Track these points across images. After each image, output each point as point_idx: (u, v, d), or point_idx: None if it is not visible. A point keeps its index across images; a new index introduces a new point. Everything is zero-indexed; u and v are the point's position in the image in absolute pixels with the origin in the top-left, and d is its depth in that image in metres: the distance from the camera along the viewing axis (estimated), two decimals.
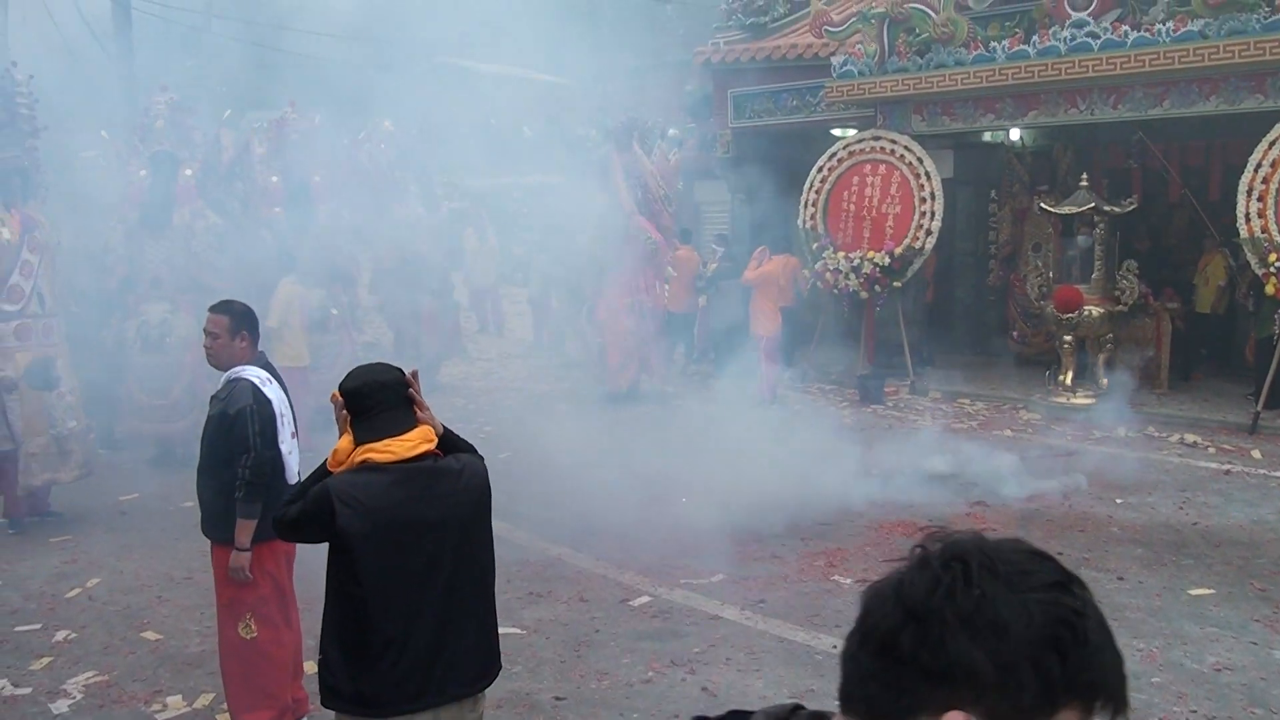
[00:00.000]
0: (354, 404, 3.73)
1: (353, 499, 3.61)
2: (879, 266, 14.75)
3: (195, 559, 8.45)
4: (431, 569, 3.70)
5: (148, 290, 11.35)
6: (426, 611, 3.69)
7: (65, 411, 9.39)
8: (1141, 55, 12.54)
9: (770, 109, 18.17)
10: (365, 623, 3.65)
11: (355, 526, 3.59)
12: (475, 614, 3.83)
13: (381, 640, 3.64)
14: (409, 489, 3.68)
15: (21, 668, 6.60)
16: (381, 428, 3.71)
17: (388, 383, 3.77)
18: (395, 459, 3.68)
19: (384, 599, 3.64)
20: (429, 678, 3.69)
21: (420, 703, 3.69)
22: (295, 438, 5.46)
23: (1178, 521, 9.22)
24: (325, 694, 3.77)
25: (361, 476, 3.68)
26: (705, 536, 8.93)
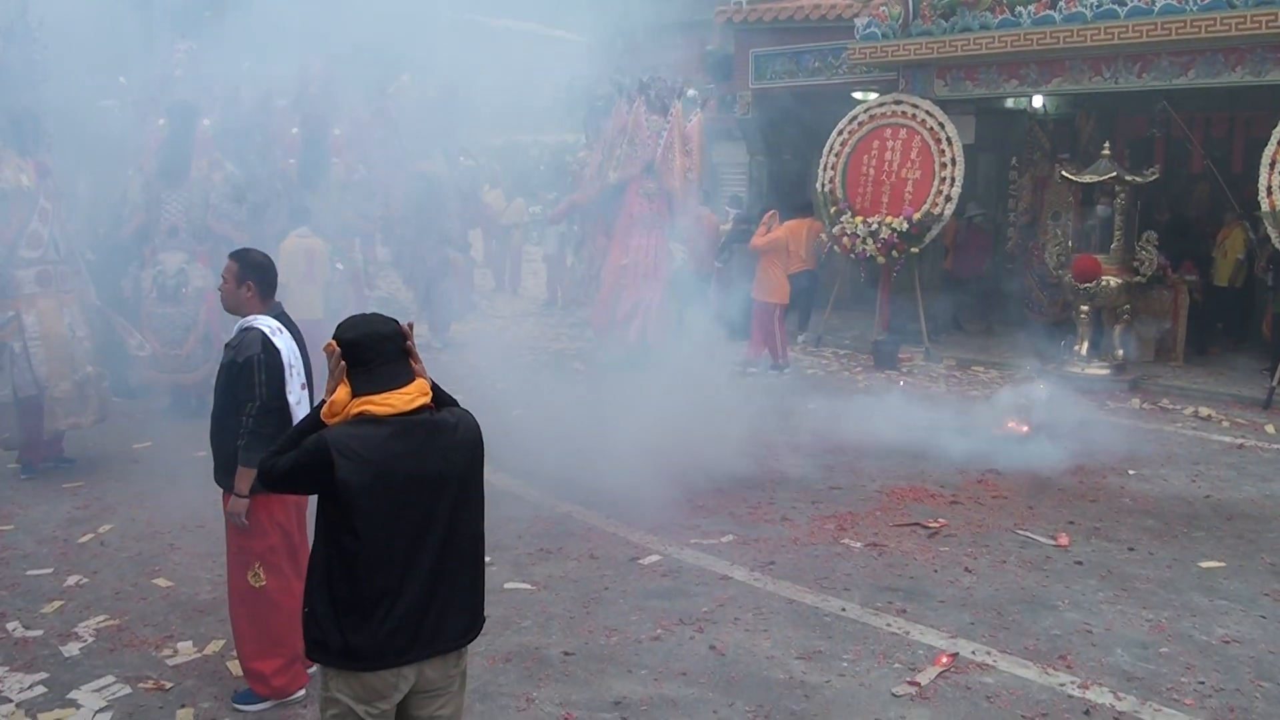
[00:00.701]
0: (352, 355, 3.69)
1: (352, 451, 3.57)
2: (897, 232, 14.68)
3: (207, 507, 8.48)
4: (427, 522, 3.67)
5: (164, 240, 11.35)
6: (420, 564, 3.66)
7: (84, 356, 9.44)
8: (1168, 23, 12.41)
9: (792, 70, 18.03)
10: (358, 575, 3.62)
11: (354, 479, 3.55)
12: (466, 568, 3.81)
13: (375, 593, 3.62)
14: (407, 442, 3.64)
15: (33, 611, 6.65)
16: (380, 380, 3.68)
17: (387, 334, 3.73)
18: (393, 412, 3.65)
19: (380, 551, 3.61)
20: (419, 631, 3.67)
21: (409, 655, 3.67)
22: (305, 389, 5.45)
23: (1190, 494, 9.20)
24: (311, 647, 3.73)
25: (360, 429, 3.64)
26: (715, 497, 8.96)
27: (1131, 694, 5.63)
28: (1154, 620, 6.57)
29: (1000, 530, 8.17)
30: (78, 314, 9.51)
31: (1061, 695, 5.61)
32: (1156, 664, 5.99)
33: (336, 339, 3.72)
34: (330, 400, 3.71)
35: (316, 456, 3.60)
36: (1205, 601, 6.88)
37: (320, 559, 3.70)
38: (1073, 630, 6.41)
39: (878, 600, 6.83)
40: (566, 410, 11.25)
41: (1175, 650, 6.17)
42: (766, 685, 5.69)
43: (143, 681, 5.73)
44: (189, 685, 5.72)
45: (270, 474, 3.80)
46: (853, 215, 15.24)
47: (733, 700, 5.52)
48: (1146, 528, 8.30)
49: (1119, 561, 7.56)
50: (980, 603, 6.80)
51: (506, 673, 5.80)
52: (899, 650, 6.12)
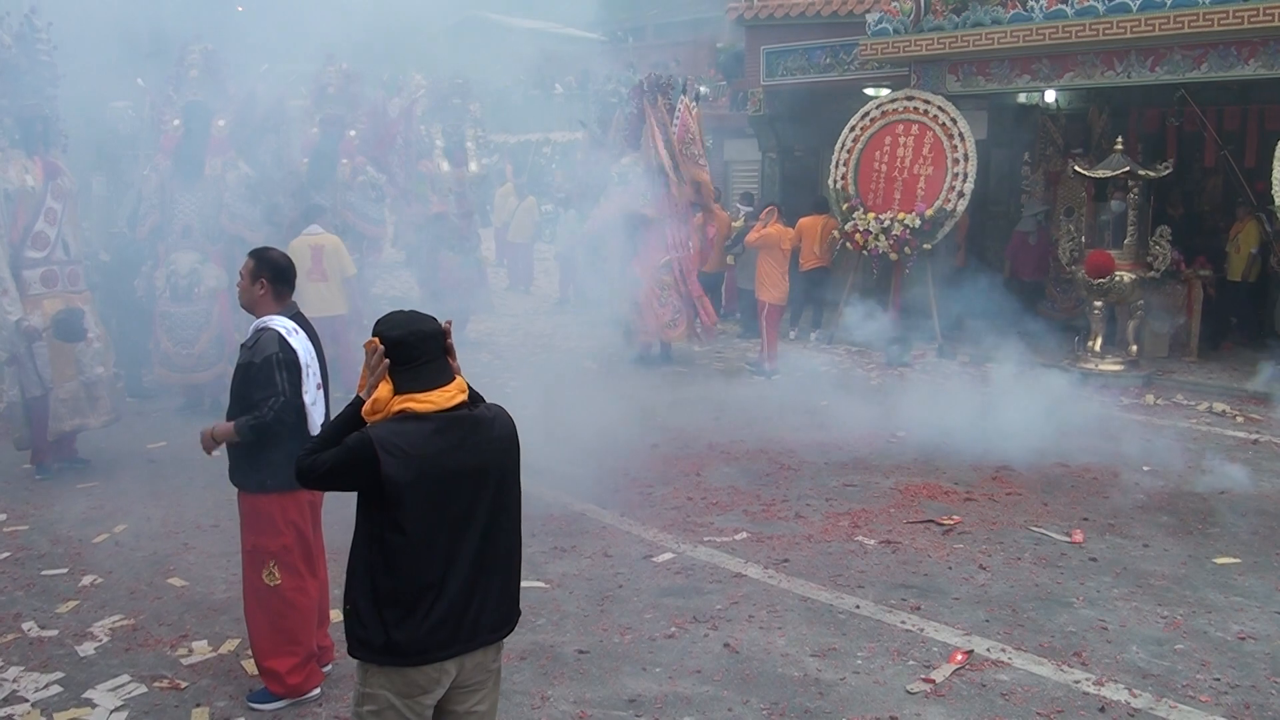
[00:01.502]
0: (397, 354, 3.70)
1: (396, 448, 3.60)
2: (909, 228, 14.66)
3: (222, 507, 8.51)
4: (469, 516, 3.71)
5: (178, 239, 11.39)
6: (462, 558, 3.69)
7: (93, 357, 9.48)
8: (1181, 16, 12.37)
9: (803, 66, 18.00)
10: (402, 571, 3.65)
11: (400, 475, 3.58)
12: (505, 560, 3.85)
13: (418, 588, 3.65)
14: (450, 437, 3.68)
15: (49, 610, 6.68)
16: (425, 379, 3.71)
17: (430, 333, 3.76)
18: (435, 409, 3.69)
19: (424, 546, 3.64)
20: (460, 625, 3.71)
21: (451, 650, 3.70)
22: (320, 389, 5.47)
23: (1204, 490, 9.17)
24: (355, 645, 3.76)
25: (403, 425, 3.66)
26: (729, 494, 8.96)
27: (1147, 691, 5.61)
28: (1169, 617, 6.55)
29: (1014, 527, 8.15)
30: (90, 315, 9.53)
31: (1077, 692, 5.59)
32: (1172, 661, 5.97)
33: (380, 336, 3.74)
34: (373, 398, 3.73)
35: (361, 453, 3.62)
36: (1221, 598, 6.85)
37: (362, 556, 3.73)
38: (1088, 627, 6.39)
39: (892, 597, 6.82)
40: (580, 409, 11.25)
41: (1191, 647, 6.15)
42: (781, 683, 5.69)
43: (158, 681, 5.75)
44: (204, 684, 5.73)
45: (311, 471, 3.79)
46: (865, 212, 15.22)
47: (747, 698, 5.52)
48: (1161, 524, 8.28)
49: (1134, 558, 7.54)
50: (995, 600, 6.79)
51: (521, 671, 5.81)
52: (914, 647, 6.11)
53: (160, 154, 11.73)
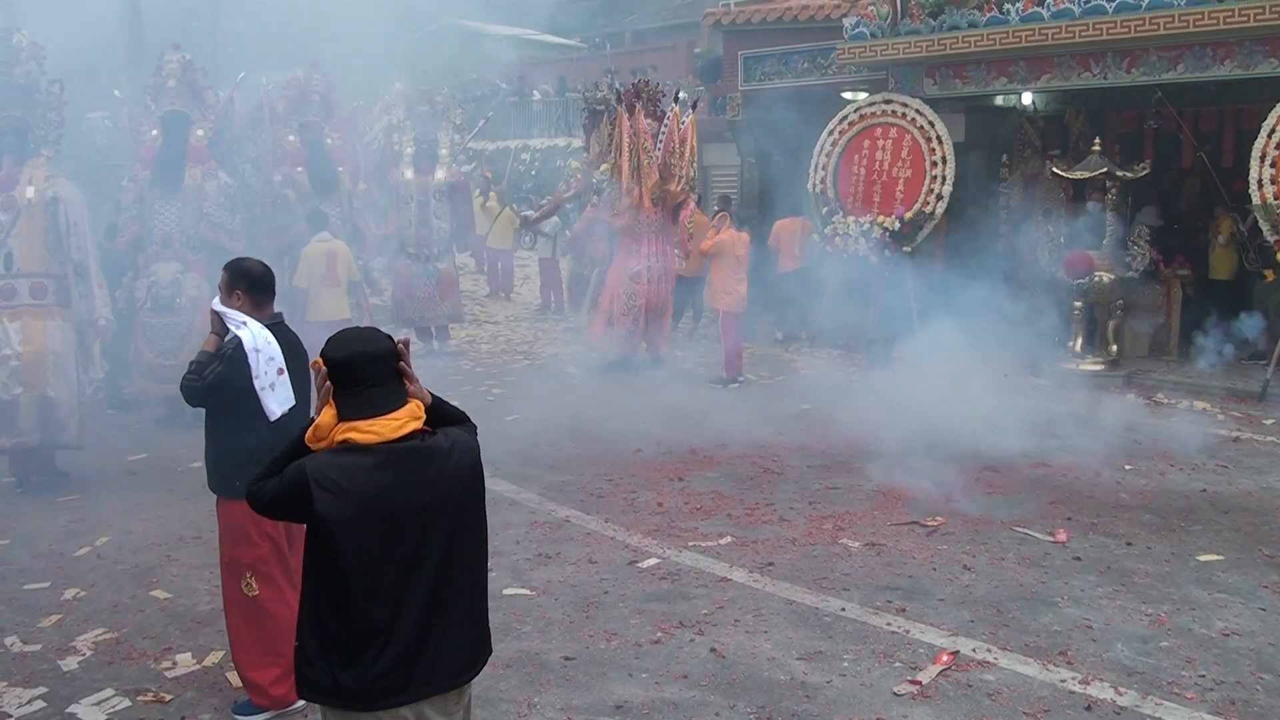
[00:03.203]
0: (339, 376, 3.44)
1: (331, 483, 3.35)
2: (889, 231, 14.69)
3: (204, 519, 8.48)
4: (419, 556, 3.45)
5: (158, 250, 11.35)
6: (413, 601, 3.44)
7: (9, 376, 9.18)
8: (1156, 18, 12.42)
9: (781, 71, 18.02)
10: (347, 613, 3.40)
11: (335, 512, 3.34)
12: (464, 601, 3.59)
13: (365, 632, 3.41)
14: (395, 472, 3.41)
15: (30, 625, 6.64)
16: (368, 405, 3.44)
17: (378, 354, 3.48)
18: (380, 440, 3.42)
19: (368, 589, 3.39)
20: (414, 670, 3.47)
21: (405, 695, 3.47)
22: (284, 375, 5.30)
23: (1187, 488, 9.21)
24: (302, 686, 3.55)
25: (342, 458, 3.41)
26: (712, 499, 8.96)
27: (1133, 689, 5.63)
28: (1153, 614, 6.58)
29: (998, 527, 8.17)
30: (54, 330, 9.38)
31: (1063, 691, 5.61)
32: (1157, 658, 5.99)
33: (323, 357, 3.50)
34: (315, 424, 3.50)
35: (294, 488, 3.41)
36: (1204, 595, 6.88)
37: (309, 593, 3.51)
38: (1073, 626, 6.41)
39: (877, 599, 6.83)
40: (561, 414, 11.25)
41: (1175, 644, 6.17)
42: (768, 686, 5.68)
43: (142, 694, 5.72)
44: (189, 697, 5.71)
45: (257, 499, 3.57)
46: (845, 215, 15.24)
47: (734, 702, 5.52)
48: (1144, 522, 8.31)
49: (1117, 556, 7.56)
50: (980, 600, 6.80)
51: (507, 679, 5.79)
52: (899, 649, 6.12)
53: (138, 164, 11.69)
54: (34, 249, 9.35)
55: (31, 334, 9.26)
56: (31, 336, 9.26)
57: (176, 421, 11.49)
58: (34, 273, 9.35)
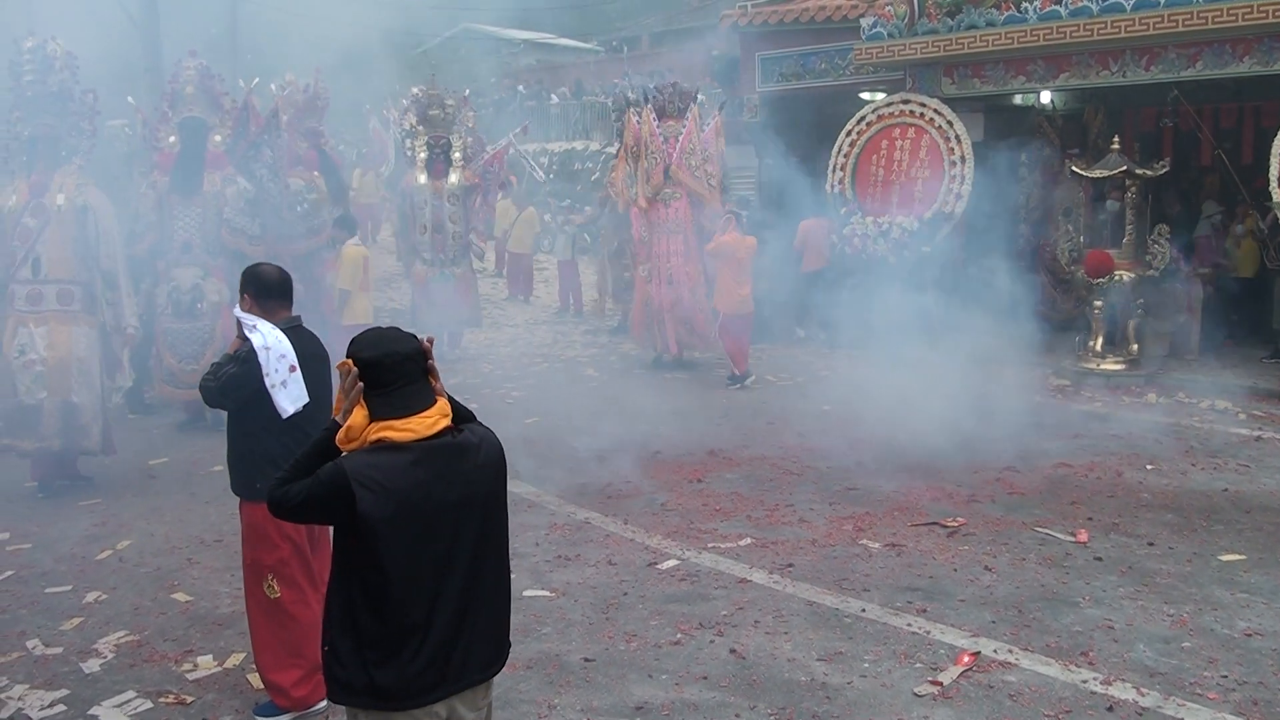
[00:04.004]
0: (371, 376, 3.44)
1: (373, 481, 3.35)
2: (907, 232, 14.66)
3: (225, 522, 8.53)
4: (453, 552, 3.47)
5: (178, 256, 11.41)
6: (447, 597, 3.47)
7: (34, 381, 9.25)
8: (1175, 15, 12.38)
9: (798, 72, 18.01)
10: (384, 611, 3.41)
11: (377, 511, 3.33)
12: (493, 595, 3.62)
13: (402, 628, 3.42)
14: (430, 468, 3.43)
15: (53, 628, 6.67)
16: (400, 404, 3.45)
17: (408, 354, 3.49)
18: (415, 437, 3.44)
19: (407, 585, 3.41)
20: (448, 666, 3.48)
21: (439, 691, 3.48)
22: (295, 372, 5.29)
23: (1208, 487, 9.16)
24: (335, 688, 3.53)
25: (380, 457, 3.41)
26: (732, 500, 8.95)
27: (1155, 689, 5.60)
28: (1175, 615, 6.54)
29: (1019, 528, 8.14)
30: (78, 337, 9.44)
31: (1084, 692, 5.58)
32: (1179, 659, 5.96)
33: (353, 357, 3.49)
34: (347, 425, 3.48)
35: (334, 489, 3.39)
36: (1226, 595, 6.84)
37: (340, 593, 3.51)
38: (1094, 626, 6.38)
39: (898, 600, 6.81)
40: (580, 417, 11.26)
41: (1198, 644, 6.14)
42: (788, 688, 5.67)
43: (164, 696, 5.74)
44: (210, 699, 5.73)
45: (282, 503, 3.54)
46: (863, 216, 15.22)
47: (755, 703, 5.51)
48: (1166, 522, 8.27)
49: (1139, 557, 7.53)
50: (1001, 601, 6.77)
51: (527, 680, 5.79)
52: (920, 650, 6.10)
53: (157, 171, 11.76)
54: (62, 256, 9.41)
55: (57, 340, 9.32)
56: (57, 342, 9.32)
57: (197, 426, 11.56)
58: (61, 279, 9.41)
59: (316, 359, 5.47)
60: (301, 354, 5.34)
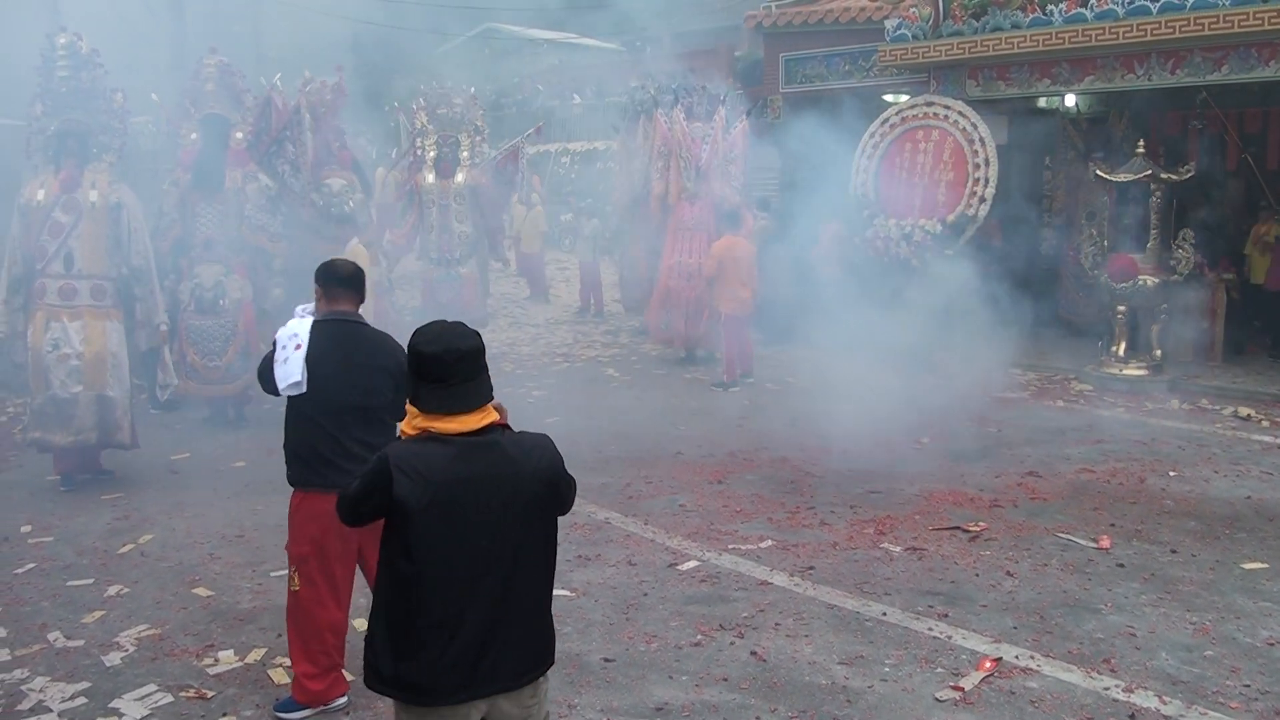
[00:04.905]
0: (430, 370, 3.48)
1: (412, 469, 3.41)
2: (930, 234, 14.60)
3: (247, 517, 8.57)
4: (491, 552, 3.47)
5: (201, 252, 11.44)
6: (481, 597, 3.47)
7: (69, 375, 9.30)
8: (1201, 18, 12.30)
9: (822, 74, 18.01)
10: (414, 603, 3.46)
11: (412, 499, 3.39)
12: (532, 605, 3.62)
13: (430, 623, 3.45)
14: (473, 464, 3.46)
15: (74, 621, 6.70)
16: (452, 400, 3.49)
17: (468, 351, 3.51)
18: (460, 431, 3.48)
19: (437, 579, 3.43)
20: (477, 669, 3.49)
21: (466, 693, 3.49)
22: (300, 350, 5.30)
23: (1231, 495, 9.11)
24: (368, 674, 3.60)
25: (423, 447, 3.47)
26: (752, 502, 8.94)
27: (1177, 698, 5.57)
28: (1198, 623, 6.51)
29: (1041, 533, 8.10)
30: (105, 332, 9.50)
31: (1106, 699, 5.55)
32: (1201, 667, 5.93)
33: (413, 349, 3.54)
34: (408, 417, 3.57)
35: (377, 474, 3.46)
36: (1249, 603, 6.80)
37: (382, 584, 3.56)
38: (1116, 633, 6.35)
39: (919, 605, 6.79)
40: (601, 416, 11.26)
41: (1220, 653, 6.10)
42: (809, 691, 5.66)
43: (184, 690, 5.75)
44: (231, 694, 5.74)
45: (342, 500, 3.66)
46: (886, 218, 15.17)
47: (775, 706, 5.50)
48: (1188, 529, 8.22)
49: (1161, 564, 7.49)
50: (1023, 606, 6.75)
51: (548, 679, 5.78)
52: (942, 655, 6.08)
53: (180, 168, 11.80)
54: (95, 251, 9.47)
55: (93, 335, 9.40)
56: (92, 337, 9.39)
57: (219, 422, 11.60)
58: (95, 275, 9.47)
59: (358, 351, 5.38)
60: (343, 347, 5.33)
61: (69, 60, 9.71)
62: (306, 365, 5.26)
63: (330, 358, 5.30)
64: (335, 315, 5.42)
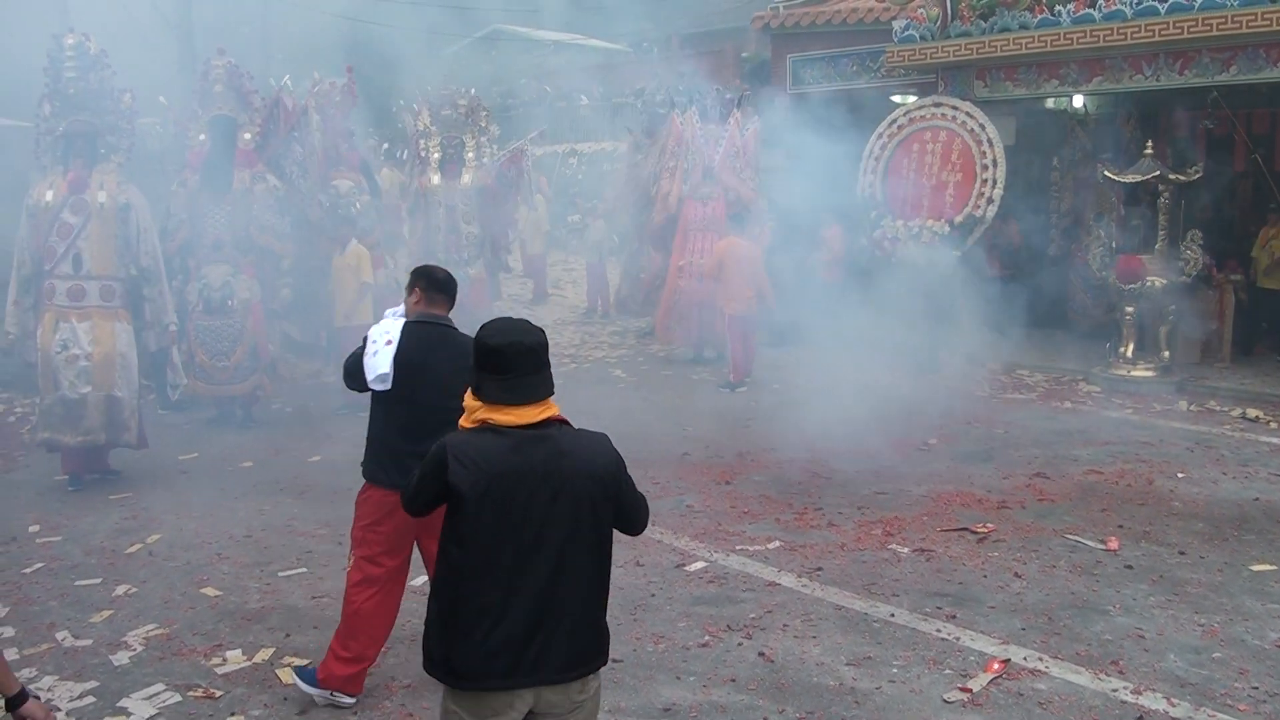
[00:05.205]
0: (493, 363, 3.56)
1: (468, 458, 3.50)
2: (938, 235, 14.59)
3: (255, 518, 8.58)
4: (538, 545, 3.52)
5: (209, 253, 11.46)
6: (526, 587, 3.51)
7: (78, 375, 9.32)
8: (1209, 19, 12.28)
9: (830, 75, 17.99)
10: (462, 589, 3.54)
11: (465, 486, 3.48)
12: (581, 603, 3.62)
13: (476, 609, 3.52)
14: (527, 457, 3.52)
15: (82, 620, 6.70)
16: (511, 393, 3.56)
17: (531, 346, 3.59)
18: (516, 424, 3.55)
19: (483, 566, 3.51)
20: (522, 658, 3.52)
21: (509, 681, 3.53)
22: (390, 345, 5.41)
23: (1240, 496, 9.09)
24: (424, 658, 3.69)
25: (480, 437, 3.56)
26: (760, 503, 8.93)
27: (1185, 700, 5.56)
28: (1206, 625, 6.49)
29: (1049, 535, 8.09)
30: (116, 333, 9.53)
31: (1114, 701, 5.55)
32: (1210, 669, 5.92)
33: (478, 341, 3.62)
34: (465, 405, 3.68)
35: (434, 461, 3.57)
36: (1258, 605, 6.79)
37: (438, 570, 3.67)
38: (1124, 635, 6.34)
39: (927, 606, 6.78)
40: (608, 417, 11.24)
41: (1228, 655, 6.09)
42: (817, 692, 5.66)
43: (192, 690, 5.76)
44: (239, 693, 5.74)
45: (405, 490, 3.78)
46: (893, 218, 15.16)
47: (783, 707, 5.49)
48: (1196, 531, 8.20)
49: (1170, 565, 7.47)
50: (1031, 608, 6.74)
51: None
52: (949, 656, 6.07)
53: (187, 169, 11.82)
54: (104, 252, 9.50)
55: (101, 335, 9.42)
56: (102, 338, 9.42)
57: (227, 422, 11.62)
58: (103, 276, 9.50)
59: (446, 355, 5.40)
60: (432, 349, 5.39)
61: (77, 61, 9.74)
62: (394, 363, 5.35)
63: (417, 358, 5.37)
64: (428, 318, 5.49)
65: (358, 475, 5.58)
